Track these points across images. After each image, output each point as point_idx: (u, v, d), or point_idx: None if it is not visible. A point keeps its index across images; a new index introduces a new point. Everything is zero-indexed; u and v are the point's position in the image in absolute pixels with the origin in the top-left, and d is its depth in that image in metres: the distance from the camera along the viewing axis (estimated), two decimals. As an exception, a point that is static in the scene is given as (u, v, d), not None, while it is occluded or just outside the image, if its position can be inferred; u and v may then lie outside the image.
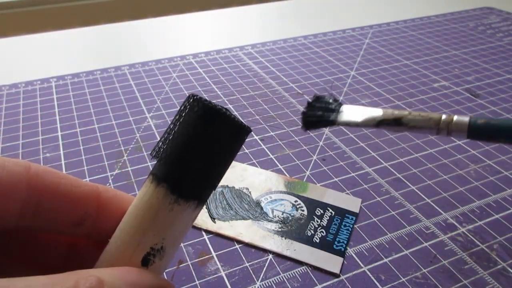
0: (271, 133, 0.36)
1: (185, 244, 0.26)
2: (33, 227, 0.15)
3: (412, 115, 0.15)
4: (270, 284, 0.23)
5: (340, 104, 0.15)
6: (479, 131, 0.15)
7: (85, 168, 0.32)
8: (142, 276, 0.14)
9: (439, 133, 0.15)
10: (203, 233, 0.27)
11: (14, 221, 0.14)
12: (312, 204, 0.29)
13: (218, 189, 0.30)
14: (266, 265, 0.25)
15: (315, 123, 0.16)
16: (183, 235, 0.15)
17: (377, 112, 0.15)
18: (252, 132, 0.37)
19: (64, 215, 0.15)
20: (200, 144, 0.14)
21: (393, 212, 0.28)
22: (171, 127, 0.15)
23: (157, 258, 0.14)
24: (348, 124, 0.15)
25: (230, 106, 0.41)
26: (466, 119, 0.14)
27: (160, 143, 0.15)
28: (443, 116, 0.15)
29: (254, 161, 0.33)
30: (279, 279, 0.24)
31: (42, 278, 0.12)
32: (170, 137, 0.14)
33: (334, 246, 0.26)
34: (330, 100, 0.16)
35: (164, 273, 0.24)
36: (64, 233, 0.16)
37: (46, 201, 0.15)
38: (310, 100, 0.16)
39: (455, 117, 0.15)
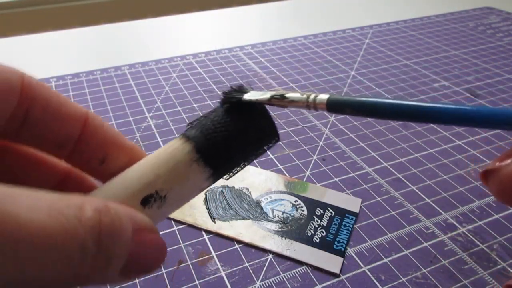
0: (271, 133, 0.36)
1: (185, 244, 0.26)
2: (19, 138, 0.15)
3: (294, 92, 0.20)
4: (270, 284, 0.23)
5: (248, 90, 0.20)
6: (332, 106, 0.19)
7: (85, 168, 0.32)
8: (144, 217, 0.14)
9: (310, 108, 0.19)
10: (203, 233, 0.27)
11: (2, 125, 0.14)
12: (312, 204, 0.29)
13: (218, 189, 0.30)
14: (266, 265, 0.25)
15: (228, 98, 0.20)
16: (186, 197, 0.16)
17: (268, 93, 0.20)
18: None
19: (49, 132, 0.15)
20: (234, 126, 0.16)
21: (393, 212, 0.28)
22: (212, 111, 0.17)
23: (156, 204, 0.15)
24: (252, 101, 0.20)
25: (230, 106, 0.41)
26: (325, 96, 0.19)
27: (201, 117, 0.17)
28: (312, 95, 0.19)
29: (254, 161, 0.33)
30: (279, 279, 0.24)
31: (48, 193, 0.11)
32: (209, 115, 0.17)
33: (334, 246, 0.26)
34: (241, 88, 0.20)
35: (164, 273, 0.24)
36: (46, 152, 0.16)
37: (35, 112, 0.15)
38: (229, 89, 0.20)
39: (319, 95, 0.19)
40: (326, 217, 0.28)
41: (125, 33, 0.61)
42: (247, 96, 0.20)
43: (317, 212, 0.28)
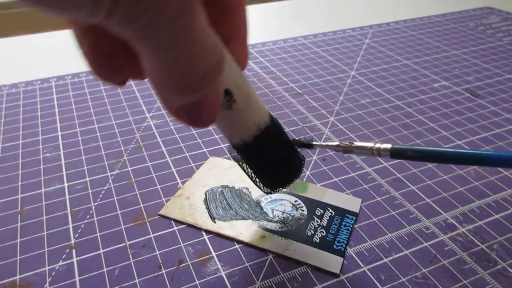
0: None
1: (185, 244, 0.26)
2: None
3: (358, 143, 0.24)
4: (270, 284, 0.23)
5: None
6: (395, 154, 0.22)
7: (85, 168, 0.32)
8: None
9: (374, 155, 0.23)
10: (203, 233, 0.27)
11: None
12: (312, 204, 0.29)
13: (218, 189, 0.30)
14: (266, 265, 0.25)
15: (300, 144, 0.25)
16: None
17: (336, 141, 0.25)
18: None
19: None
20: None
21: (393, 212, 0.28)
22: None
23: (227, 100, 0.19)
24: (321, 147, 0.25)
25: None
26: (388, 146, 0.22)
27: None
28: (376, 145, 0.23)
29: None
30: (279, 279, 0.24)
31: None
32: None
33: (334, 246, 0.26)
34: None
35: (164, 273, 0.24)
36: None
37: None
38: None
39: (382, 146, 0.23)
40: (326, 217, 0.28)
41: (125, 33, 0.61)
42: (316, 142, 0.25)
43: (317, 212, 0.28)
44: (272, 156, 0.23)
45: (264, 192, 0.25)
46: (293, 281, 0.24)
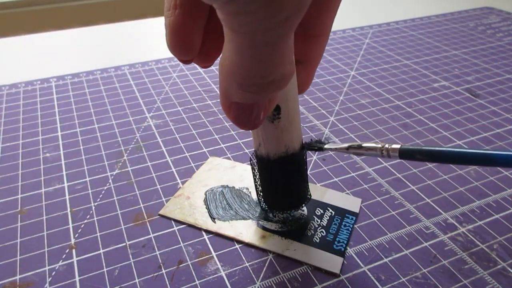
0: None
1: (185, 244, 0.26)
2: None
3: (367, 144, 0.24)
4: (270, 284, 0.23)
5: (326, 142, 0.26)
6: (404, 154, 0.22)
7: (85, 168, 0.32)
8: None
9: (384, 156, 0.23)
10: (203, 233, 0.27)
11: None
12: (312, 204, 0.29)
13: (218, 189, 0.30)
14: (266, 265, 0.25)
15: (312, 147, 0.25)
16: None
17: (346, 144, 0.25)
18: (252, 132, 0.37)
19: None
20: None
21: (393, 212, 0.28)
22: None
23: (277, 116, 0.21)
24: (331, 150, 0.25)
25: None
26: (397, 146, 0.23)
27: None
28: (386, 145, 0.23)
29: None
30: (279, 279, 0.24)
31: None
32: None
33: (334, 246, 0.26)
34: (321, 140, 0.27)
35: (164, 273, 0.24)
36: None
37: None
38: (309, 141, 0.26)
39: (391, 146, 0.23)
40: (326, 217, 0.28)
41: (125, 33, 0.61)
42: (327, 146, 0.25)
43: (317, 212, 0.28)
44: (285, 181, 0.24)
45: (260, 206, 0.26)
46: (293, 281, 0.24)
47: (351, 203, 0.29)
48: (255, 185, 0.26)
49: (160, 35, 0.60)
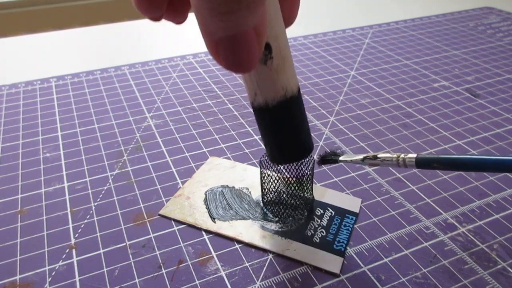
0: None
1: (185, 244, 0.26)
2: None
3: (384, 153, 0.24)
4: (270, 284, 0.23)
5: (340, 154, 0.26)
6: (421, 164, 0.22)
7: (85, 168, 0.32)
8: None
9: (400, 166, 0.23)
10: (203, 233, 0.27)
11: None
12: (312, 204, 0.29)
13: (218, 189, 0.30)
14: (266, 265, 0.25)
15: (327, 160, 0.26)
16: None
17: (361, 155, 0.25)
18: (251, 132, 0.37)
19: None
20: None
21: (393, 212, 0.28)
22: None
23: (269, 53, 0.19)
24: (346, 162, 0.26)
25: (230, 106, 0.41)
26: (413, 155, 0.23)
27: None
28: (401, 155, 0.23)
29: (254, 161, 0.33)
30: (279, 279, 0.24)
31: None
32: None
33: (334, 246, 0.26)
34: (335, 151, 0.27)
35: (164, 273, 0.24)
36: None
37: None
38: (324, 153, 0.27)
39: (407, 155, 0.23)
40: (326, 217, 0.28)
41: (125, 33, 0.61)
42: (342, 158, 0.25)
43: (317, 212, 0.28)
44: (288, 128, 0.22)
45: (263, 202, 0.26)
46: (293, 281, 0.24)
47: (351, 203, 0.29)
48: (262, 188, 0.26)
49: (160, 35, 0.60)
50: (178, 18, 0.20)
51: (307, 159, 0.27)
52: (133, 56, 0.52)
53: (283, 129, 0.22)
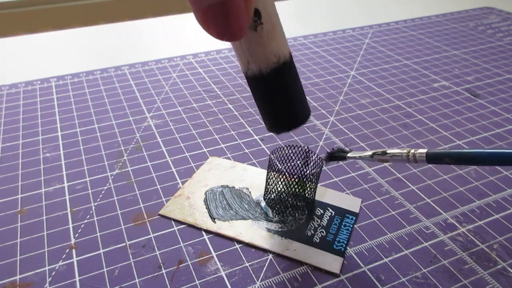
0: (271, 133, 0.36)
1: (185, 244, 0.26)
2: None
3: (391, 150, 0.24)
4: (270, 284, 0.23)
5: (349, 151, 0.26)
6: (432, 158, 0.22)
7: (85, 168, 0.32)
8: None
9: (410, 161, 0.23)
10: (203, 233, 0.27)
11: None
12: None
13: (218, 189, 0.30)
14: (266, 265, 0.25)
15: (335, 157, 0.26)
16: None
17: (370, 151, 0.25)
18: (251, 132, 0.37)
19: None
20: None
21: (393, 212, 0.28)
22: None
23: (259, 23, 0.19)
24: (355, 158, 0.25)
25: (230, 106, 0.41)
26: (424, 151, 0.22)
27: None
28: (412, 150, 0.23)
29: (254, 161, 0.33)
30: (279, 279, 0.24)
31: None
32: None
33: (334, 246, 0.26)
34: (344, 148, 0.27)
35: (164, 273, 0.24)
36: None
37: None
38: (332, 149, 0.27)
39: (418, 151, 0.22)
40: (326, 217, 0.28)
41: (125, 33, 0.61)
42: (350, 155, 0.25)
43: (317, 212, 0.28)
44: (284, 95, 0.22)
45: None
46: (293, 281, 0.24)
47: (351, 203, 0.29)
48: (267, 187, 0.26)
49: (160, 35, 0.60)
50: None
51: (315, 160, 0.27)
52: (133, 56, 0.52)
53: (279, 97, 0.22)
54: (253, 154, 0.34)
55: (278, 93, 0.22)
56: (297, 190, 0.27)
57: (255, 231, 0.26)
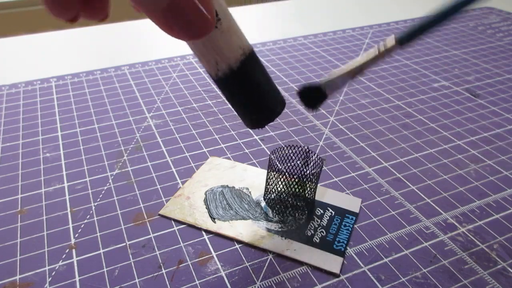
0: (271, 133, 0.36)
1: (185, 244, 0.26)
2: None
3: (362, 58, 0.23)
4: (270, 284, 0.23)
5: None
6: (402, 39, 0.22)
7: (85, 168, 0.32)
8: None
9: (385, 56, 0.22)
10: (203, 233, 0.27)
11: None
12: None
13: (218, 189, 0.30)
14: (266, 265, 0.25)
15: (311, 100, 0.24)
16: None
17: (345, 68, 0.23)
18: (251, 132, 0.37)
19: None
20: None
21: (393, 212, 0.28)
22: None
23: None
24: (332, 88, 0.23)
25: (230, 106, 0.41)
26: (393, 38, 0.22)
27: None
28: (380, 44, 0.22)
29: (254, 161, 0.33)
30: (279, 279, 0.24)
31: None
32: None
33: (334, 246, 0.26)
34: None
35: (164, 273, 0.24)
36: None
37: None
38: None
39: (386, 40, 0.22)
40: (326, 217, 0.28)
41: (125, 33, 0.61)
42: (326, 86, 0.23)
43: (317, 212, 0.28)
44: (257, 85, 0.22)
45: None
46: (293, 281, 0.24)
47: (351, 203, 0.29)
48: (267, 187, 0.26)
49: (160, 35, 0.60)
50: (98, 15, 0.18)
51: (315, 160, 0.27)
52: (133, 56, 0.52)
53: (253, 88, 0.22)
54: (253, 154, 0.34)
55: (252, 85, 0.22)
56: (297, 190, 0.27)
57: (255, 231, 0.26)
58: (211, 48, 0.20)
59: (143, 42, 0.58)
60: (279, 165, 0.27)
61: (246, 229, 0.27)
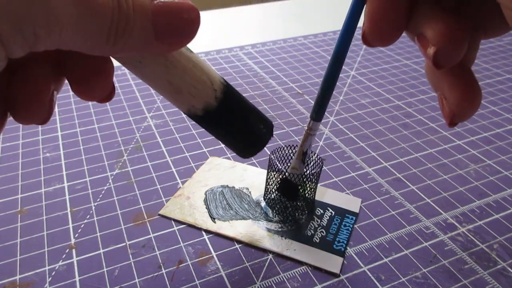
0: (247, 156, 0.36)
1: (185, 244, 0.26)
2: None
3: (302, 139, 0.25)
4: (270, 284, 0.23)
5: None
6: (312, 115, 0.25)
7: (85, 168, 0.32)
8: None
9: (310, 134, 0.25)
10: (203, 233, 0.27)
11: None
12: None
13: (218, 189, 0.30)
14: (266, 265, 0.25)
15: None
16: None
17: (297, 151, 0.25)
18: (252, 132, 0.37)
19: None
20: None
21: (393, 212, 0.28)
22: None
23: None
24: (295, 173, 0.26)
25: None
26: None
27: None
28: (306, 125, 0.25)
29: (254, 161, 0.33)
30: (279, 279, 0.24)
31: None
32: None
33: (334, 246, 0.26)
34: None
35: (164, 273, 0.24)
36: None
37: None
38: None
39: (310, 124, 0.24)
40: (326, 217, 0.28)
41: (125, 33, 0.61)
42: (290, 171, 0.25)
43: (317, 212, 0.28)
44: (246, 110, 0.23)
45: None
46: (293, 281, 0.24)
47: (351, 203, 0.29)
48: (267, 187, 0.26)
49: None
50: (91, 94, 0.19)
51: (315, 160, 0.27)
52: (133, 56, 0.52)
53: (242, 115, 0.22)
54: (253, 154, 0.34)
55: (240, 109, 0.22)
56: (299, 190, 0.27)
57: (255, 231, 0.26)
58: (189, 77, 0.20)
59: (143, 42, 0.58)
60: (279, 165, 0.27)
61: (246, 229, 0.27)
